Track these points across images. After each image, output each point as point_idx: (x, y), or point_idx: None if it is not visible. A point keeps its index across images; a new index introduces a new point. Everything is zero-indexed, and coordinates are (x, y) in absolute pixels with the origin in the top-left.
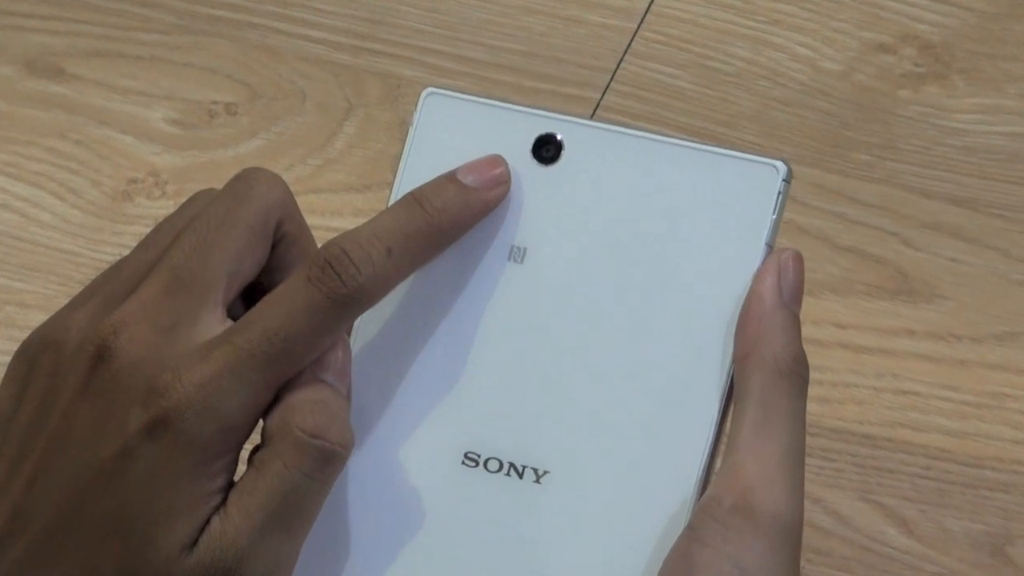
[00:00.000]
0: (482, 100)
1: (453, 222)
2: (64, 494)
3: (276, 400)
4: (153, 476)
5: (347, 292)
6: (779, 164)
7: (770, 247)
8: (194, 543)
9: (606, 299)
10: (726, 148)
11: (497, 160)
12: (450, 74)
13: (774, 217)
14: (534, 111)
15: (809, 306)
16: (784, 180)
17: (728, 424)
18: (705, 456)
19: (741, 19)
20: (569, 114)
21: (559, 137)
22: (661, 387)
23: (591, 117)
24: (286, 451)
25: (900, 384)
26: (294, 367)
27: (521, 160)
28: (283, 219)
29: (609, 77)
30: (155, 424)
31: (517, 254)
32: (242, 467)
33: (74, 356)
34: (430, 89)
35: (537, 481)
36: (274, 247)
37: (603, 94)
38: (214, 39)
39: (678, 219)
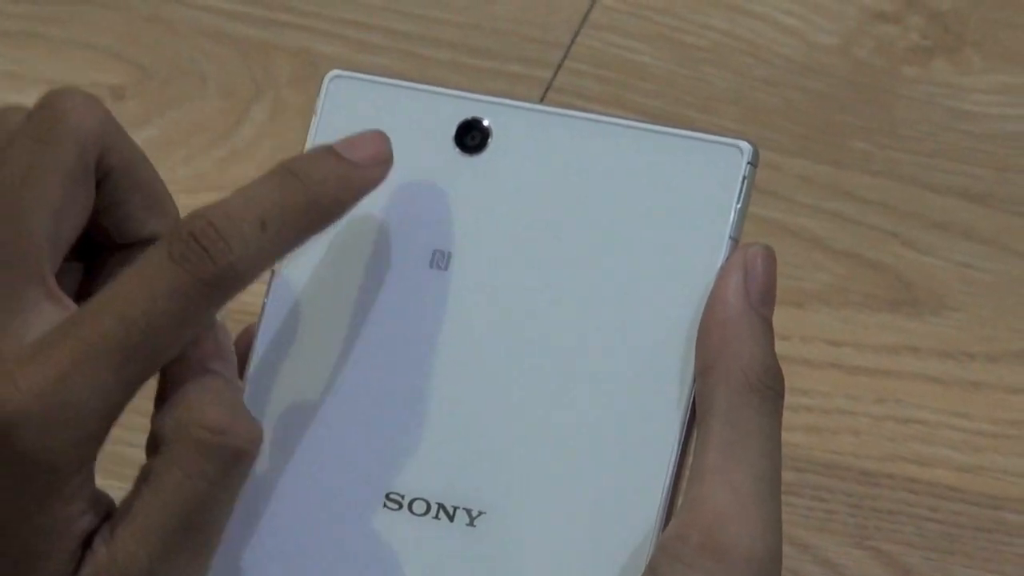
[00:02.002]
0: (396, 83)
1: (333, 198)
2: None
3: (161, 398)
4: None
5: (217, 272)
6: (743, 144)
7: (735, 241)
8: None
9: (545, 309)
10: (681, 128)
11: (380, 135)
12: (375, 50)
13: (738, 206)
14: (455, 93)
15: (797, 320)
16: (750, 163)
17: (692, 448)
18: (666, 486)
19: None
20: (501, 95)
21: (485, 122)
22: (613, 408)
23: (541, 100)
24: (185, 456)
25: (903, 411)
26: (156, 362)
27: (443, 150)
28: (105, 150)
29: (563, 53)
30: None
31: (440, 260)
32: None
33: None
34: (335, 72)
35: (471, 524)
36: (99, 185)
37: (555, 73)
38: (96, 9)
39: (626, 213)
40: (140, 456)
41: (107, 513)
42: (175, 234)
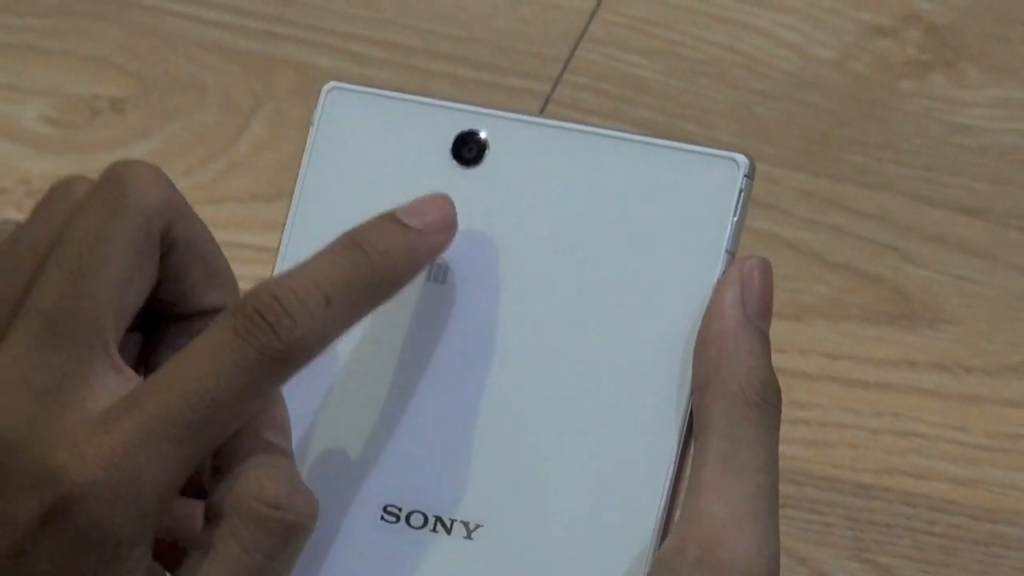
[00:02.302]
0: (393, 95)
1: (396, 270)
2: None
3: (216, 470)
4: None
5: (282, 347)
6: (739, 157)
7: (731, 255)
8: None
9: (542, 322)
10: (677, 141)
11: (444, 200)
12: (374, 63)
13: (735, 219)
14: (452, 105)
15: (795, 333)
16: (746, 176)
17: (689, 462)
18: (663, 500)
19: None
20: (498, 108)
21: (482, 134)
22: (610, 422)
23: (540, 112)
24: (243, 529)
25: (900, 424)
26: (219, 437)
27: (440, 162)
28: (170, 222)
29: (561, 67)
30: (52, 515)
31: (438, 272)
32: None
33: None
34: (332, 84)
35: (468, 537)
36: (163, 257)
37: (554, 86)
38: (97, 23)
39: (623, 226)
40: None
41: None
42: (239, 308)
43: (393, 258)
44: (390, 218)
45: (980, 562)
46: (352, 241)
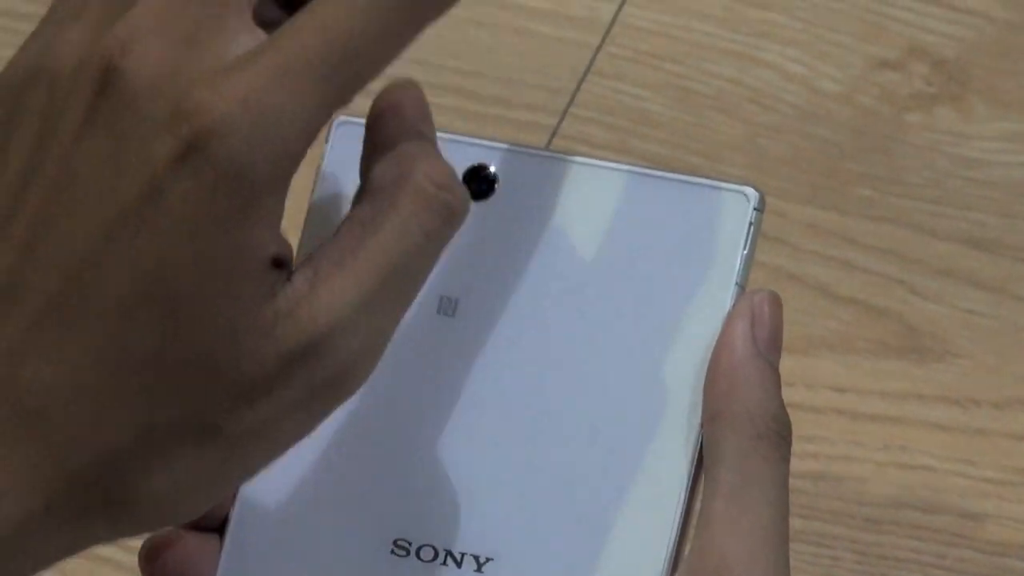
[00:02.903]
0: None
1: None
2: (72, 256)
3: (374, 149)
4: (192, 220)
5: None
6: (749, 191)
7: (741, 288)
8: (269, 310)
9: (552, 355)
10: (687, 174)
11: None
12: None
13: (745, 253)
14: (461, 139)
15: (803, 366)
16: (756, 209)
17: (699, 495)
18: (674, 533)
19: (723, 32)
20: (507, 142)
21: (492, 168)
22: (620, 455)
23: (547, 146)
24: (407, 203)
25: (908, 457)
26: (358, 81)
27: None
28: None
29: (568, 100)
30: (189, 150)
31: (448, 306)
32: None
33: (72, 85)
34: (341, 118)
35: (479, 570)
36: None
37: (561, 119)
38: None
39: (633, 259)
40: None
41: (289, 249)
42: None
43: None
44: None
45: None
46: None
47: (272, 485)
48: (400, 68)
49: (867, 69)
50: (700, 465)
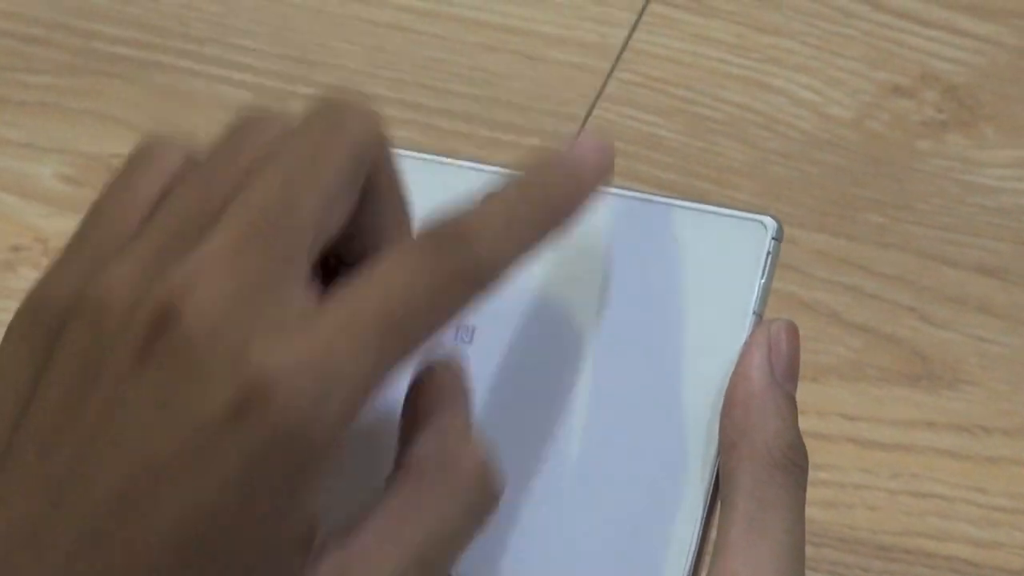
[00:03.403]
0: (414, 155)
1: (568, 197)
2: (104, 505)
3: (412, 418)
4: (238, 477)
5: (470, 260)
6: (767, 220)
7: (759, 317)
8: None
9: (568, 383)
10: (705, 203)
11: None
12: (393, 122)
13: (762, 282)
14: (475, 165)
15: (813, 394)
16: (774, 239)
17: (715, 524)
18: (689, 562)
19: (733, 57)
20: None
21: None
22: (637, 483)
23: None
24: (454, 483)
25: (920, 485)
26: (413, 346)
27: None
28: (376, 165)
29: (579, 126)
30: (247, 403)
31: (465, 334)
32: None
33: (124, 321)
34: None
35: None
36: (362, 193)
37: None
38: (114, 81)
39: (650, 287)
40: None
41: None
42: (425, 230)
43: (561, 187)
44: (549, 154)
45: None
46: (517, 179)
47: None
48: (412, 94)
49: (877, 95)
50: (716, 493)
